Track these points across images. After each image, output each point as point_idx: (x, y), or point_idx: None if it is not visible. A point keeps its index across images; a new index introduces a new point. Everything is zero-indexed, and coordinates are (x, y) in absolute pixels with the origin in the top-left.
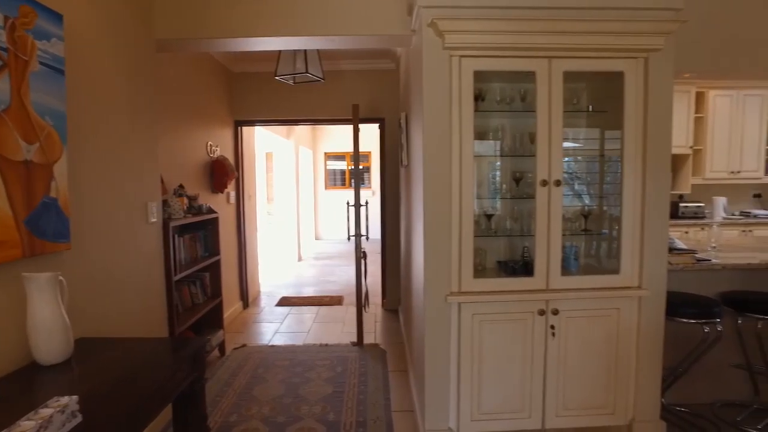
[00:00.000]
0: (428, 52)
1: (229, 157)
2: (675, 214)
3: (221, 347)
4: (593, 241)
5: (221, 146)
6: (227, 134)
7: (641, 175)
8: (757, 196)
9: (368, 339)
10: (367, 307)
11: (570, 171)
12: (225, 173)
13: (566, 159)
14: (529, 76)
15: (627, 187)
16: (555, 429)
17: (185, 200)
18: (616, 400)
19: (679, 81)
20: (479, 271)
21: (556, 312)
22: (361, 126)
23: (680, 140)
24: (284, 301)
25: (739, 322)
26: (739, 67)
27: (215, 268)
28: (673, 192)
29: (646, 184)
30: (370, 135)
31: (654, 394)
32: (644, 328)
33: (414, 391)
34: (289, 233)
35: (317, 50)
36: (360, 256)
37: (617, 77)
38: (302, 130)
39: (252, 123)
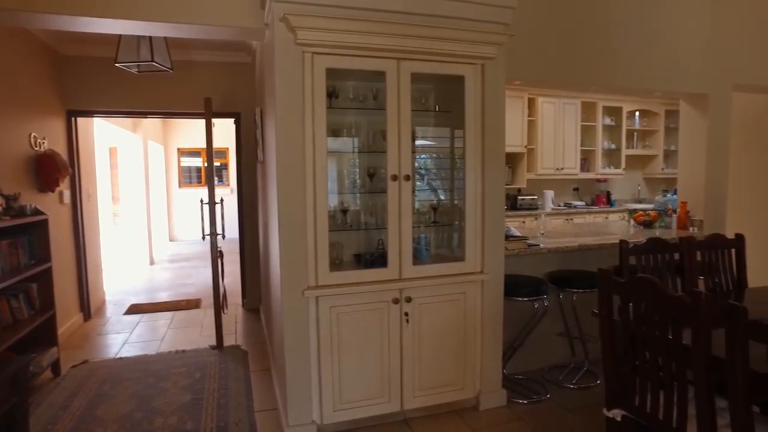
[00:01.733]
0: (280, 48)
1: (62, 151)
2: (514, 206)
3: (55, 367)
4: (443, 232)
5: (50, 139)
6: (58, 125)
7: (481, 171)
8: (576, 189)
9: (229, 341)
10: (225, 308)
11: (421, 167)
12: (55, 170)
13: (422, 156)
14: (380, 76)
15: (469, 182)
16: (413, 409)
17: (1, 201)
18: (465, 376)
19: (513, 87)
20: (336, 265)
21: (409, 300)
22: (217, 121)
23: (516, 140)
24: (134, 309)
25: (561, 297)
26: (557, 79)
27: (45, 278)
28: (512, 186)
29: (485, 179)
30: (227, 130)
31: (496, 367)
32: (487, 309)
33: (277, 389)
34: (139, 235)
35: (164, 38)
36: (216, 255)
37: (459, 80)
38: (151, 124)
39: (89, 114)
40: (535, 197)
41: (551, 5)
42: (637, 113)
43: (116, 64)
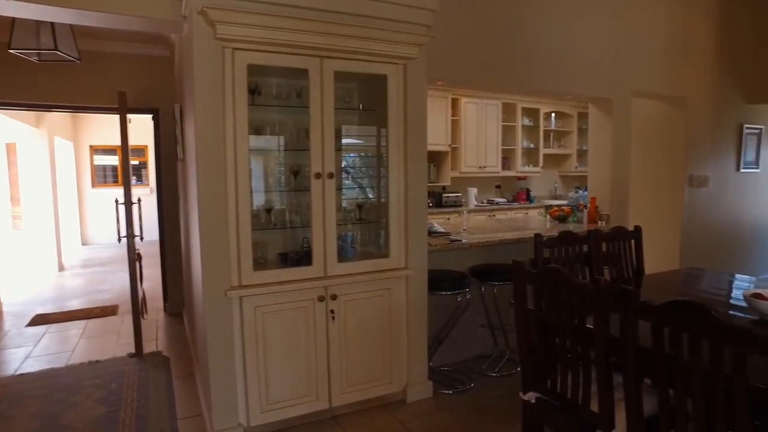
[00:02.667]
0: (199, 42)
1: None
2: (439, 203)
3: None
4: (368, 230)
5: None
6: None
7: (404, 169)
8: (498, 186)
9: (150, 347)
10: (145, 313)
11: (348, 165)
12: None
13: (350, 155)
14: (304, 73)
15: (392, 179)
16: (341, 406)
17: None
18: (393, 370)
19: (436, 87)
20: (261, 264)
21: (335, 297)
22: (135, 117)
23: (441, 139)
24: (39, 320)
25: (482, 289)
26: (477, 80)
27: None
28: (437, 184)
29: (408, 177)
30: (146, 127)
31: (422, 360)
32: (412, 304)
33: (201, 394)
34: (45, 239)
35: (70, 25)
36: (134, 258)
37: (383, 80)
38: (59, 118)
39: None
40: (460, 195)
41: (471, 10)
42: (553, 115)
43: (10, 50)
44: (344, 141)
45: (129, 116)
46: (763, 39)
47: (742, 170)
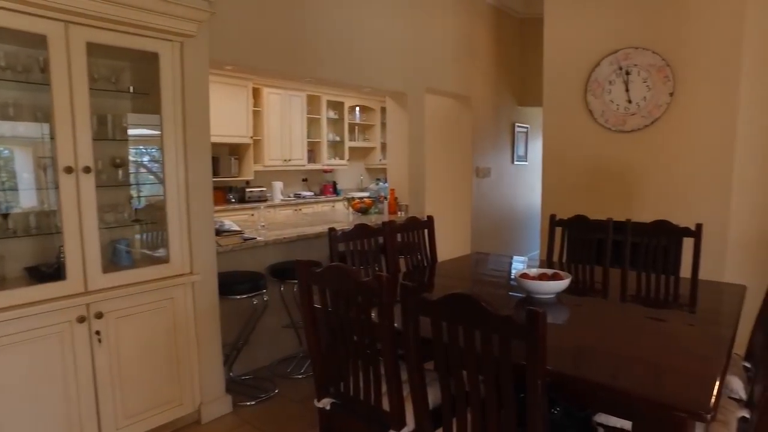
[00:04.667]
0: None
1: None
2: (243, 198)
3: None
4: (148, 232)
5: None
6: None
7: (183, 161)
8: (305, 180)
9: None
10: None
11: (119, 157)
12: None
13: (136, 147)
14: (45, 42)
15: (169, 173)
16: None
17: None
18: (183, 390)
19: (236, 76)
20: None
21: (100, 315)
22: None
23: (242, 130)
24: None
25: (282, 289)
26: (269, 66)
27: None
28: (240, 178)
29: (189, 170)
30: None
31: (217, 373)
32: (200, 313)
33: None
34: None
35: None
36: None
37: (156, 59)
38: None
39: None
40: (264, 189)
41: None
42: (358, 108)
43: None
44: (129, 131)
45: None
46: (525, 53)
47: (516, 163)
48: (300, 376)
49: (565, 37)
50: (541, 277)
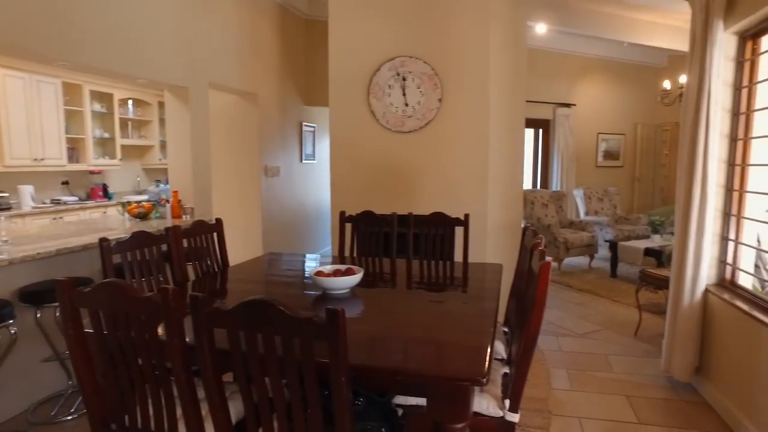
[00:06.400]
0: None
1: None
2: None
3: None
4: None
5: None
6: None
7: None
8: (66, 183)
9: None
10: None
11: None
12: None
13: None
14: None
15: None
16: None
17: None
18: None
19: None
20: None
21: None
22: None
23: None
24: None
25: (39, 315)
26: (6, 38)
27: None
28: None
29: None
30: None
31: None
32: None
33: None
34: None
35: None
36: None
37: None
38: None
39: None
40: (6, 194)
41: None
42: (131, 102)
43: None
44: None
45: None
46: (311, 53)
47: (304, 162)
48: (70, 418)
49: (348, 41)
50: (336, 273)
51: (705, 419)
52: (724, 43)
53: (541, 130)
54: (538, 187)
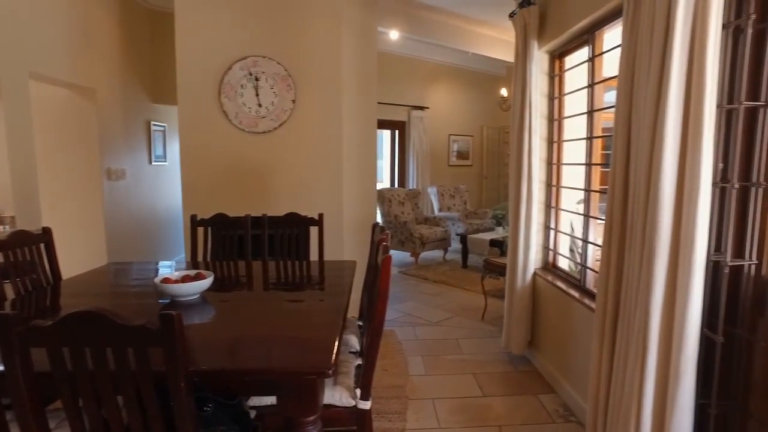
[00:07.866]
0: None
1: None
2: None
3: None
4: None
5: None
6: None
7: None
8: None
9: None
10: None
11: None
12: None
13: None
14: None
15: None
16: None
17: None
18: None
19: None
20: None
21: None
22: None
23: None
24: None
25: None
26: None
27: None
28: None
29: None
30: None
31: None
32: None
33: None
34: None
35: None
36: None
37: None
38: None
39: None
40: None
41: None
42: None
43: None
44: None
45: None
46: (157, 48)
47: (154, 163)
48: None
49: (197, 37)
50: (184, 279)
51: (534, 384)
52: (540, 60)
53: (397, 132)
54: (396, 185)
